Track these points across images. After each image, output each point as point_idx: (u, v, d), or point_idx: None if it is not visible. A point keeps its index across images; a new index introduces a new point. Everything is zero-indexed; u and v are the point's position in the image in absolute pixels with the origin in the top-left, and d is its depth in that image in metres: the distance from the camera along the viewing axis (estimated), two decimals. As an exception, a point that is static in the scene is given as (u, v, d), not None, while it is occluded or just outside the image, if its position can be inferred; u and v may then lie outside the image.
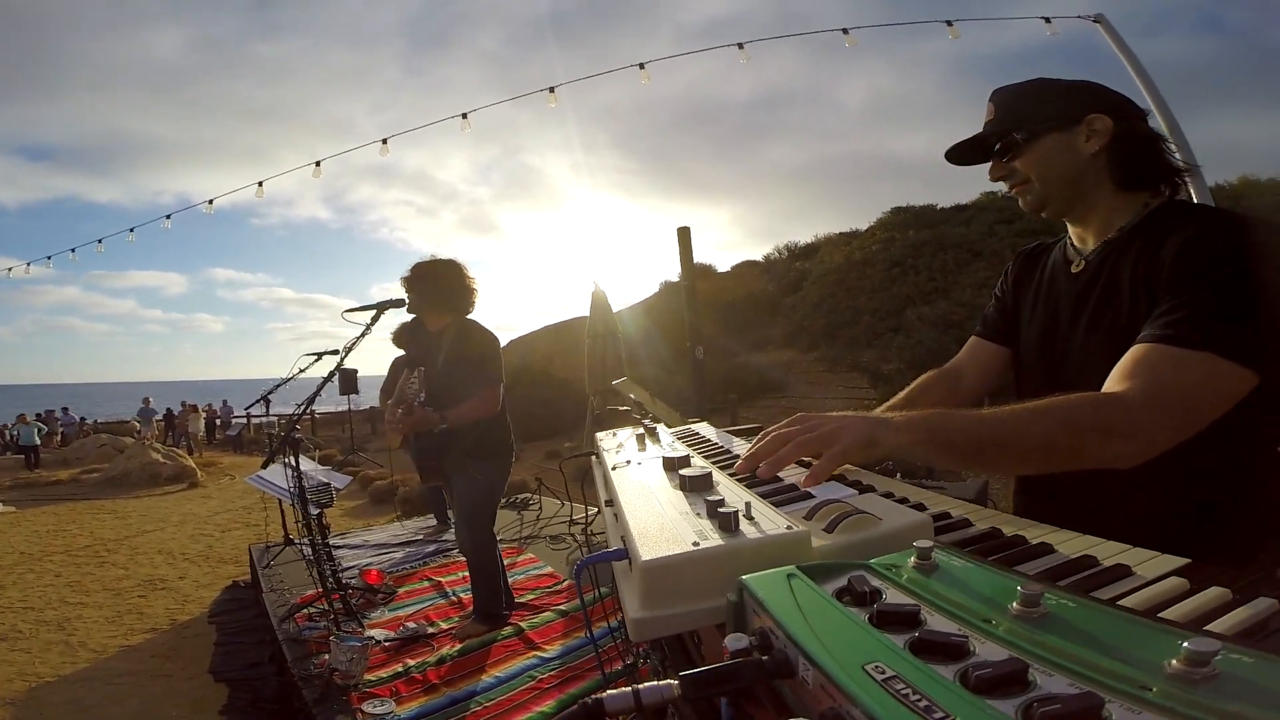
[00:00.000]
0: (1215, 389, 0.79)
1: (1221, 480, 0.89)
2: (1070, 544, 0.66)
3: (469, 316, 3.04)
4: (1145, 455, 0.80)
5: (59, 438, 17.30)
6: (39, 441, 14.32)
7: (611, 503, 0.75)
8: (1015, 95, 1.05)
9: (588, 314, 5.88)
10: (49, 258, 7.95)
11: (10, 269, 8.69)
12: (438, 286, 2.94)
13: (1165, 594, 0.50)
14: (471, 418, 2.86)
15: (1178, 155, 1.02)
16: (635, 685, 0.35)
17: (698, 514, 0.60)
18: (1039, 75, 1.06)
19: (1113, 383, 0.85)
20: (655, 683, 0.35)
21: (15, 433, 14.83)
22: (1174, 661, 0.29)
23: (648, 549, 0.52)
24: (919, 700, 0.28)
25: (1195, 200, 5.27)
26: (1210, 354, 0.79)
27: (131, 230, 7.02)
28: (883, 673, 0.31)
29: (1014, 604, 0.36)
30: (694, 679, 0.35)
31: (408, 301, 2.96)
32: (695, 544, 0.52)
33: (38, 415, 17.15)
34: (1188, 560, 0.59)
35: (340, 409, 16.89)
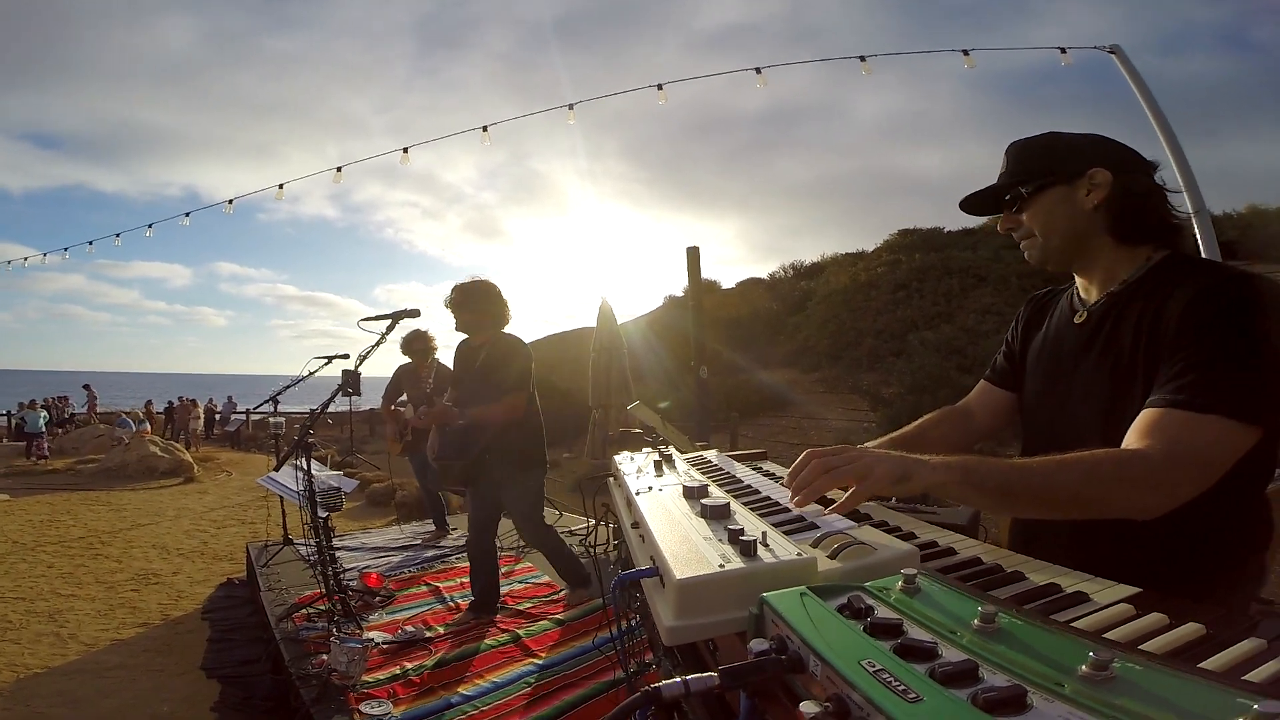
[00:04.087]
0: (1226, 447, 0.85)
1: (1209, 518, 0.93)
2: (1039, 574, 0.76)
3: (505, 330, 3.29)
4: (1167, 508, 0.85)
5: (68, 423, 17.27)
6: (43, 429, 14.25)
7: (638, 525, 0.85)
8: (1027, 149, 1.10)
9: (591, 324, 5.99)
10: (65, 249, 8.07)
11: (26, 259, 8.80)
12: (485, 305, 3.21)
13: (1112, 618, 0.60)
14: (491, 419, 3.08)
15: (1179, 210, 1.05)
16: (684, 677, 0.45)
17: (719, 539, 0.70)
18: (1054, 94, 1.11)
19: (1131, 442, 0.89)
20: (700, 674, 0.45)
21: (21, 419, 14.76)
22: (1083, 666, 0.39)
23: (680, 569, 0.62)
24: (899, 685, 0.39)
25: (1199, 234, 5.33)
26: (1219, 416, 0.84)
27: (150, 226, 7.15)
28: (874, 666, 0.41)
29: (975, 620, 0.46)
30: (731, 671, 0.45)
31: (456, 321, 3.20)
32: (721, 566, 0.62)
33: (44, 401, 17.09)
34: (1139, 590, 0.68)
35: (341, 409, 16.96)
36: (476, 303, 3.19)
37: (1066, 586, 0.71)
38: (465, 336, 3.37)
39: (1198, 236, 5.43)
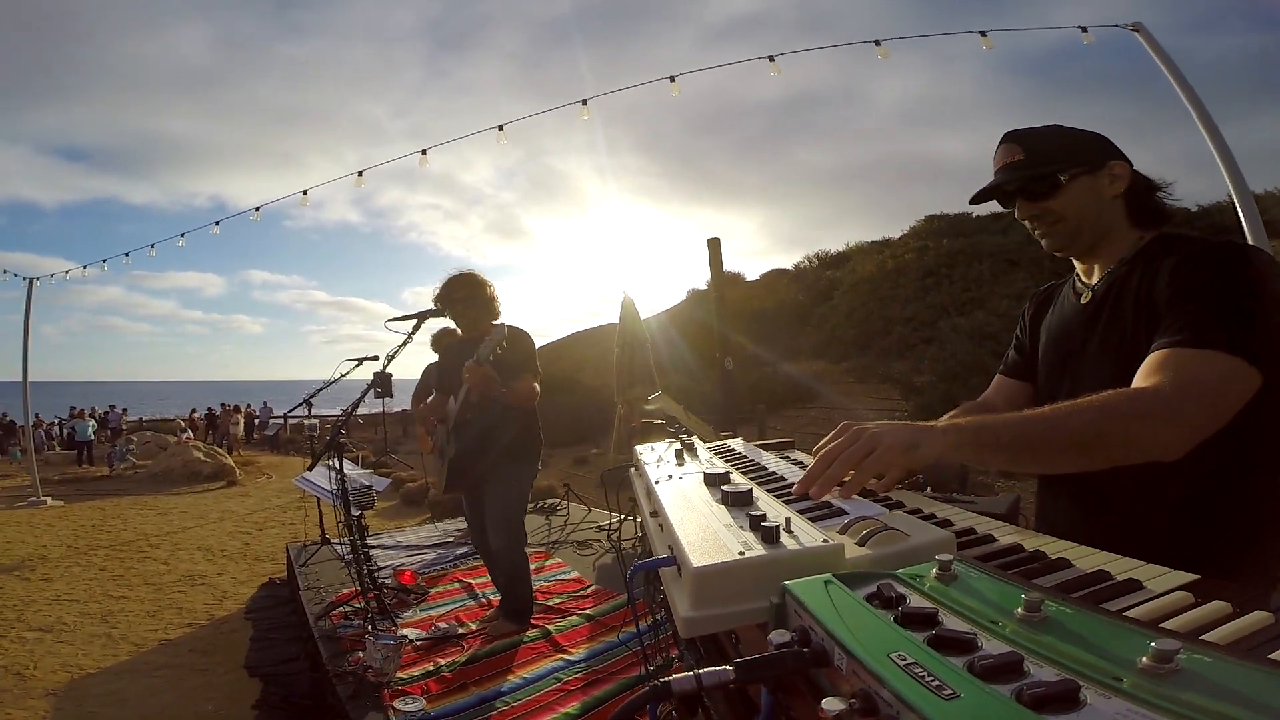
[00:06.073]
0: (1230, 381, 0.87)
1: (1230, 495, 0.95)
2: (1086, 560, 0.70)
3: (504, 321, 3.21)
4: (1187, 442, 0.85)
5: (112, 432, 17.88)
6: (93, 437, 14.86)
7: (656, 514, 0.82)
8: (1042, 138, 1.13)
9: (615, 321, 5.96)
10: (104, 261, 8.34)
11: (67, 272, 9.12)
12: (485, 295, 3.18)
13: (1169, 606, 0.55)
14: (522, 395, 3.03)
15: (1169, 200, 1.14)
16: (697, 671, 0.42)
17: (740, 526, 0.66)
18: (1077, 73, 1.14)
19: (1139, 382, 0.91)
20: (714, 667, 0.42)
21: (71, 428, 15.39)
22: (1144, 659, 0.35)
23: (697, 557, 0.59)
24: (933, 681, 0.35)
25: (1241, 213, 5.22)
26: (1219, 352, 0.87)
27: (182, 236, 7.35)
28: (905, 660, 0.37)
29: (1019, 609, 0.42)
30: (746, 664, 0.42)
31: (459, 310, 3.15)
32: (741, 553, 0.59)
33: (91, 411, 17.69)
34: (1196, 576, 0.63)
35: (374, 411, 17.27)
36: (483, 291, 3.17)
37: (1117, 573, 0.65)
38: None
39: (1240, 215, 5.26)
